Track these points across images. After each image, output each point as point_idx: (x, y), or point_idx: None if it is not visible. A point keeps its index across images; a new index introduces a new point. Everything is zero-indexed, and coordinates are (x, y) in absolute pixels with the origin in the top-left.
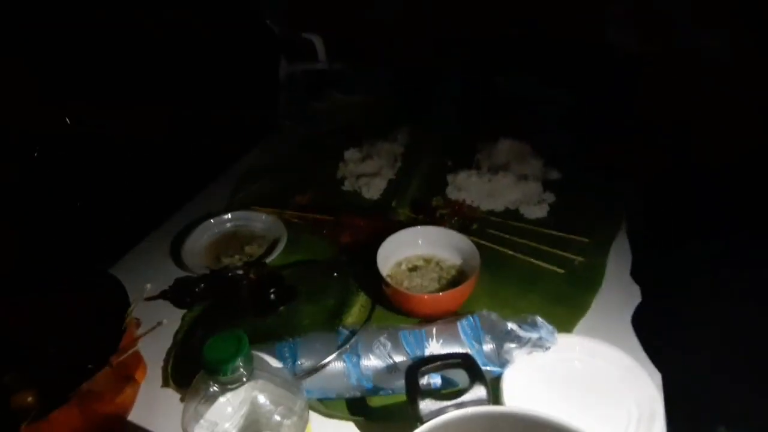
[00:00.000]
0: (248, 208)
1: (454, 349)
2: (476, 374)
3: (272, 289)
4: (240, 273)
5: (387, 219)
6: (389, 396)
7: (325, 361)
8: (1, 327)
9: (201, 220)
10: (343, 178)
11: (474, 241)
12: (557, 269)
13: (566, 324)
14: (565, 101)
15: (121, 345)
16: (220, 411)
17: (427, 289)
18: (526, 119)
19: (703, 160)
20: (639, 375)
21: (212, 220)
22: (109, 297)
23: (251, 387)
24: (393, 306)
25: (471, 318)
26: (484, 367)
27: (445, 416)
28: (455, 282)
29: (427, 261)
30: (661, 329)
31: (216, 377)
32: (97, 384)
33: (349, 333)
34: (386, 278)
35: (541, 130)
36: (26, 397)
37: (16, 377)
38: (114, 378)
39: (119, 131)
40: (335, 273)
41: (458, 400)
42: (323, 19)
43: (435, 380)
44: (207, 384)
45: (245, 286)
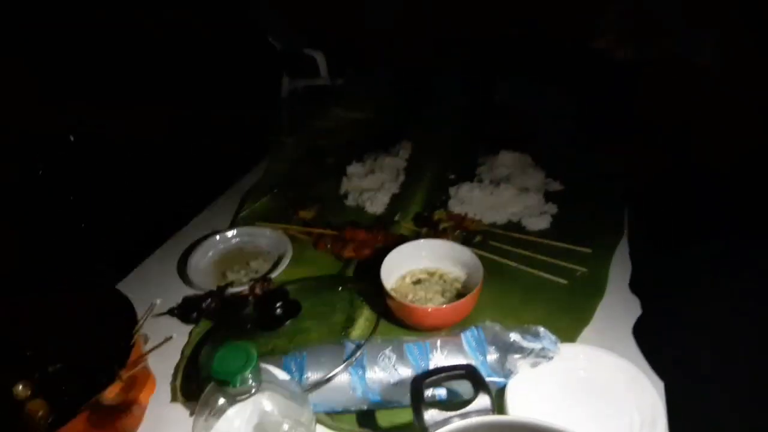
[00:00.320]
0: (253, 224)
1: (459, 361)
2: (480, 385)
3: (278, 304)
4: (246, 288)
5: (390, 233)
6: (395, 408)
7: (333, 374)
8: (12, 340)
9: (206, 237)
10: (347, 193)
11: (477, 254)
12: (560, 280)
13: (569, 334)
14: (566, 112)
15: (130, 360)
16: (230, 423)
17: (431, 302)
18: (527, 131)
19: (703, 161)
20: (641, 383)
21: (217, 237)
22: (118, 313)
23: (260, 399)
24: (397, 319)
25: (475, 329)
26: (489, 378)
27: (450, 426)
28: (459, 294)
29: (431, 274)
30: (663, 338)
31: (225, 389)
32: (107, 398)
33: (355, 346)
34: (390, 292)
35: (542, 142)
36: (37, 410)
37: (27, 389)
38: (123, 392)
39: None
40: (340, 287)
41: (463, 411)
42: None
43: (440, 392)
44: (216, 396)
45: (251, 302)
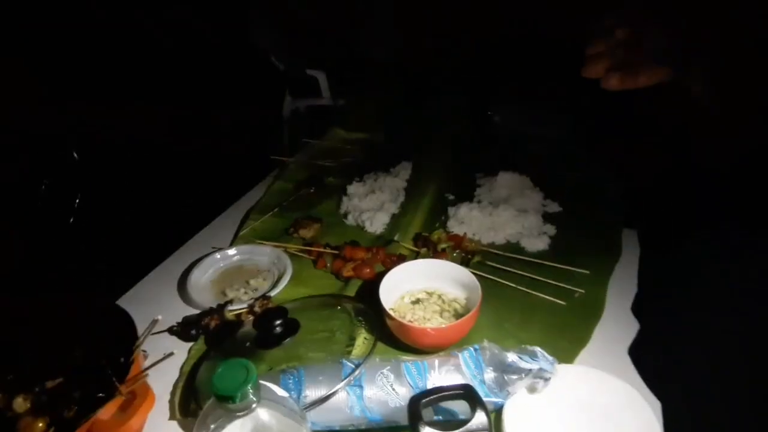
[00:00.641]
0: (253, 243)
1: (457, 381)
2: (477, 404)
3: (277, 322)
4: (245, 307)
5: (390, 253)
6: (392, 428)
7: (331, 392)
8: (11, 353)
9: (206, 255)
10: (347, 213)
11: (475, 274)
12: (558, 301)
13: (568, 355)
14: (564, 133)
15: (129, 376)
16: None
17: (430, 322)
18: (525, 152)
19: (704, 161)
20: (639, 405)
21: (218, 255)
22: (118, 328)
23: (258, 415)
24: (396, 338)
25: (472, 350)
26: (486, 399)
27: None
28: (457, 315)
29: (430, 294)
30: (660, 358)
31: (225, 405)
32: (106, 414)
33: (353, 365)
34: (389, 311)
35: (540, 164)
36: (36, 424)
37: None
38: (123, 408)
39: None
40: (339, 306)
41: (460, 430)
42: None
43: (438, 413)
44: (216, 412)
45: (250, 320)
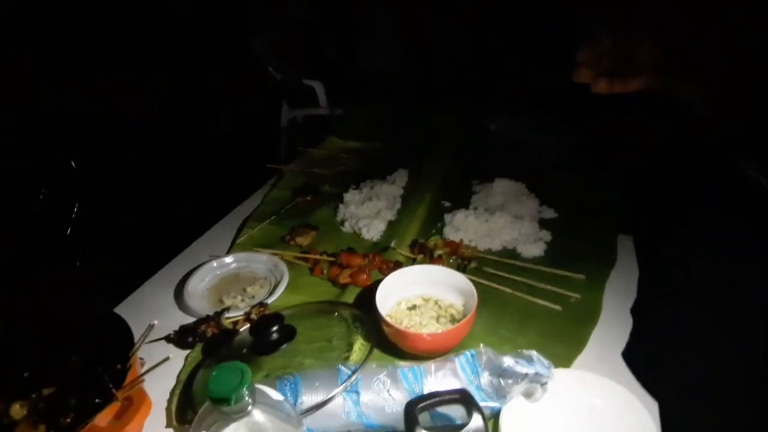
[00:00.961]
0: (250, 250)
1: (453, 386)
2: (474, 408)
3: (273, 329)
4: (242, 314)
5: (386, 259)
6: None
7: (328, 398)
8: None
9: (203, 263)
10: (343, 220)
11: (472, 280)
12: (554, 306)
13: (564, 360)
14: (558, 145)
15: (126, 383)
16: None
17: (426, 328)
18: (522, 160)
19: (700, 135)
20: (636, 408)
21: (215, 263)
22: (115, 335)
23: (254, 419)
24: (393, 345)
25: (468, 354)
26: (483, 403)
27: None
28: (454, 320)
29: (426, 300)
30: (655, 358)
31: (221, 408)
32: (103, 419)
33: (350, 371)
34: (386, 318)
35: (537, 171)
36: (32, 430)
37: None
38: (119, 414)
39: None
40: (336, 313)
41: None
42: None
43: (434, 418)
44: (212, 416)
45: (247, 327)
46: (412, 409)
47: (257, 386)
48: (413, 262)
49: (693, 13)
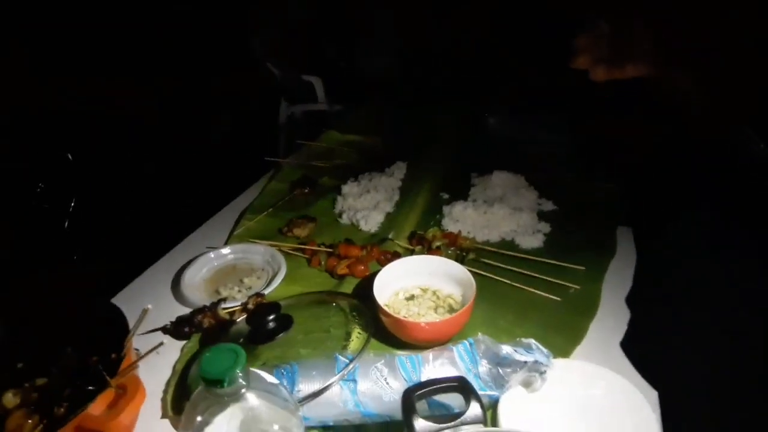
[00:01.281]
0: (247, 242)
1: (451, 374)
2: (472, 396)
3: (270, 317)
4: (239, 304)
5: (384, 250)
6: (387, 422)
7: (326, 386)
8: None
9: (200, 254)
10: (341, 212)
11: (470, 271)
12: (553, 297)
13: (563, 351)
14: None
15: (120, 370)
16: (217, 424)
17: (424, 318)
18: (521, 153)
19: (698, 134)
20: (635, 398)
21: (212, 254)
22: (110, 325)
23: (248, 404)
24: (390, 335)
25: (467, 343)
26: (481, 392)
27: None
28: (452, 311)
29: (424, 290)
30: (653, 347)
31: (214, 390)
32: (97, 408)
33: (347, 359)
34: (384, 307)
35: (536, 164)
36: (26, 420)
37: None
38: (113, 403)
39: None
40: (333, 303)
41: (454, 423)
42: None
43: (432, 407)
44: (205, 401)
45: (243, 317)
46: (410, 397)
47: (252, 370)
48: (411, 254)
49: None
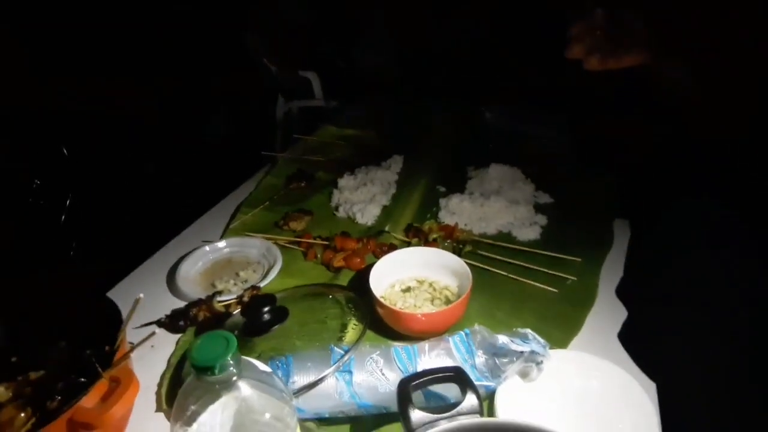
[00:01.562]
0: (243, 235)
1: (447, 365)
2: (468, 386)
3: (265, 309)
4: (234, 297)
5: (380, 243)
6: (382, 414)
7: (321, 377)
8: None
9: (196, 248)
10: (338, 206)
11: (467, 263)
12: (550, 288)
13: (560, 342)
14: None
15: (113, 362)
16: (209, 413)
17: (421, 310)
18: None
19: (699, 135)
20: (633, 389)
21: (207, 247)
22: (105, 318)
23: (240, 390)
24: (386, 327)
25: (463, 333)
26: (478, 382)
27: (437, 429)
28: (448, 302)
29: (420, 282)
30: (651, 339)
31: (205, 377)
32: (90, 401)
33: (342, 351)
34: (380, 299)
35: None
36: (18, 413)
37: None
38: (106, 396)
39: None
40: (330, 296)
41: (450, 413)
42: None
43: (428, 398)
44: (197, 391)
45: (239, 310)
46: (406, 387)
47: (244, 358)
48: (408, 246)
49: None
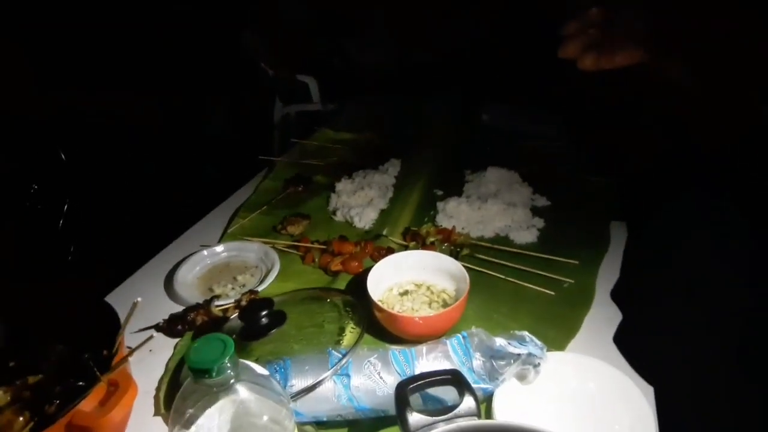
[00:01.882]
0: (241, 240)
1: (444, 368)
2: (466, 389)
3: (263, 313)
4: (232, 302)
5: (378, 247)
6: (380, 417)
7: (318, 380)
8: None
9: (194, 252)
10: (335, 210)
11: (464, 266)
12: (547, 291)
13: (558, 344)
14: (553, 136)
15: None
16: (207, 416)
17: (418, 313)
18: (513, 151)
19: (701, 141)
20: (631, 391)
21: (205, 252)
22: (103, 322)
23: (238, 393)
24: (384, 330)
25: (460, 336)
26: (475, 385)
27: (435, 431)
28: (446, 305)
29: (418, 285)
30: (648, 343)
31: (203, 380)
32: (88, 404)
33: (340, 354)
34: (378, 303)
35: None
36: (16, 417)
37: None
38: (105, 400)
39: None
40: (327, 299)
41: (448, 416)
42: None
43: (426, 402)
44: (194, 395)
45: (236, 313)
46: (403, 390)
47: (242, 361)
48: (405, 250)
49: None
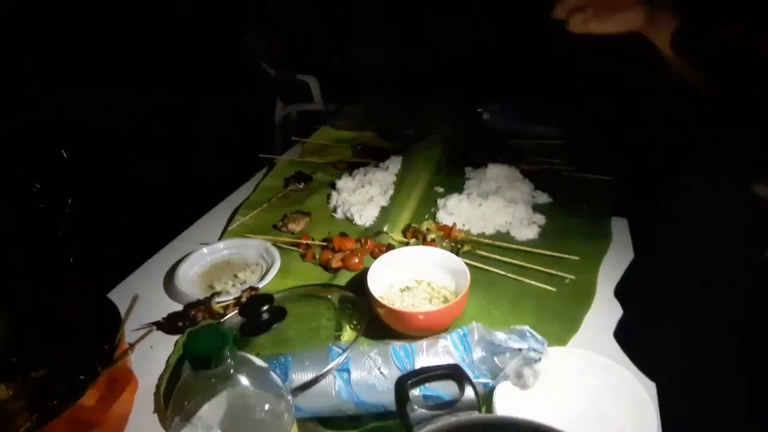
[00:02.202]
0: (241, 237)
1: (445, 362)
2: (466, 383)
3: (263, 308)
4: (232, 298)
5: (378, 244)
6: (380, 412)
7: (318, 375)
8: None
9: (195, 250)
10: (336, 207)
11: (465, 263)
12: (548, 287)
13: (559, 339)
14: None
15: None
16: (206, 408)
17: (419, 309)
18: (513, 150)
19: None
20: (632, 387)
21: (205, 249)
22: (104, 318)
23: (237, 385)
24: (385, 327)
25: (461, 331)
26: (476, 380)
27: (435, 425)
28: (447, 302)
29: (418, 282)
30: (650, 339)
31: (201, 373)
32: (89, 399)
33: (340, 350)
34: (378, 299)
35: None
36: (19, 412)
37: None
38: (105, 395)
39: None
40: (328, 296)
41: (448, 410)
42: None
43: (426, 397)
44: (193, 388)
45: (237, 310)
46: (404, 385)
47: (240, 353)
48: (406, 246)
49: None
